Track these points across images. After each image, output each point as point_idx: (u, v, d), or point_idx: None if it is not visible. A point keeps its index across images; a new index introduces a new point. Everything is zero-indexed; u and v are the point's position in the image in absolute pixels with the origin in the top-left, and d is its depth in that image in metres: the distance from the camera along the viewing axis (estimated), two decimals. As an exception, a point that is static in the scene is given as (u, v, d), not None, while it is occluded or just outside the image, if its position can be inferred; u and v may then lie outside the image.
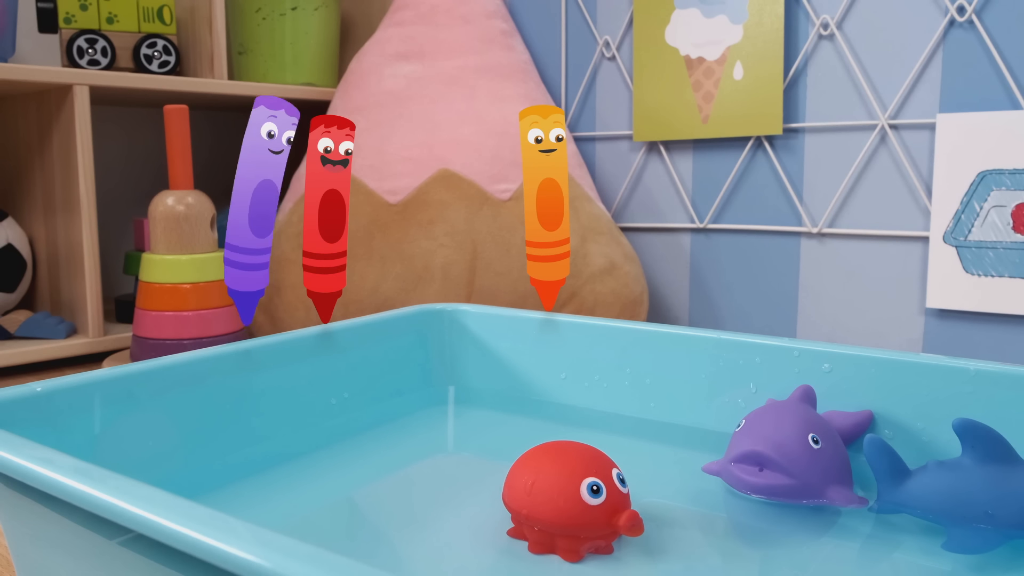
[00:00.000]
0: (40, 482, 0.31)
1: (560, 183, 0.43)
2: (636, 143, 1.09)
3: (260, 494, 0.47)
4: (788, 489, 0.43)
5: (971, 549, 0.39)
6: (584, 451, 0.41)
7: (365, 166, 1.00)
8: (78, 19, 1.07)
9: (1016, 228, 0.81)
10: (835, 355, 0.51)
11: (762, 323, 1.01)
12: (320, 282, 0.42)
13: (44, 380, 0.43)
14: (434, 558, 0.40)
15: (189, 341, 0.84)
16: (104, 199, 1.23)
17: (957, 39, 0.85)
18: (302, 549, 0.24)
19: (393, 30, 1.11)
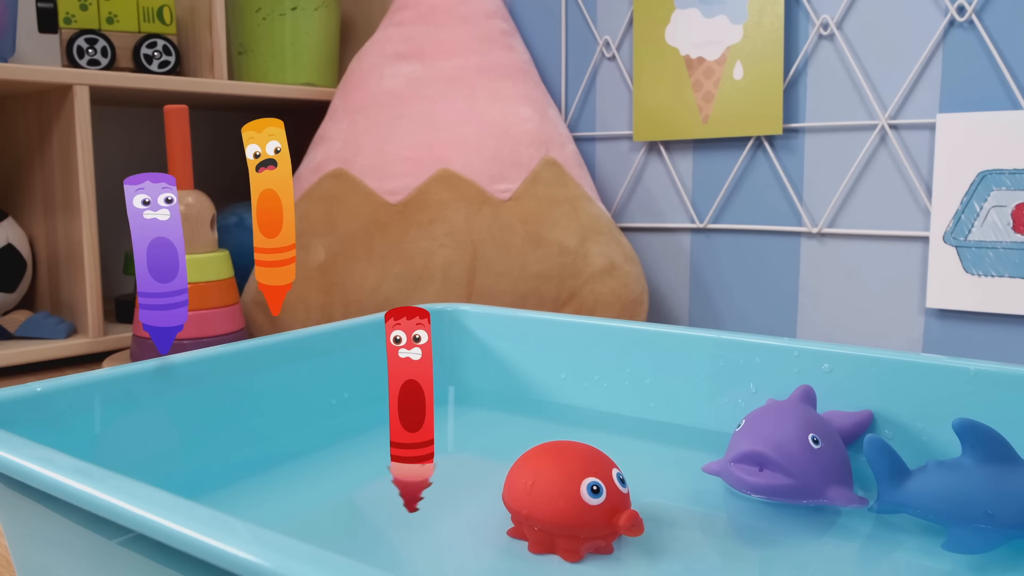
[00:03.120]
0: (40, 482, 0.31)
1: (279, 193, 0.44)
2: (636, 143, 1.09)
3: (260, 494, 0.47)
4: (788, 489, 0.43)
5: (971, 549, 0.39)
6: (584, 451, 0.41)
7: (365, 166, 1.00)
8: (78, 19, 1.07)
9: (1016, 228, 0.81)
10: (835, 355, 0.51)
11: (762, 323, 1.01)
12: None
13: (44, 380, 0.43)
14: (434, 558, 0.40)
15: (189, 341, 0.84)
16: (104, 199, 1.23)
17: (957, 39, 0.85)
18: (302, 549, 0.24)
19: (393, 30, 1.11)
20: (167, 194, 0.48)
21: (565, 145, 1.05)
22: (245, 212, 1.20)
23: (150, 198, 0.48)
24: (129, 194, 0.47)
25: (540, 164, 1.01)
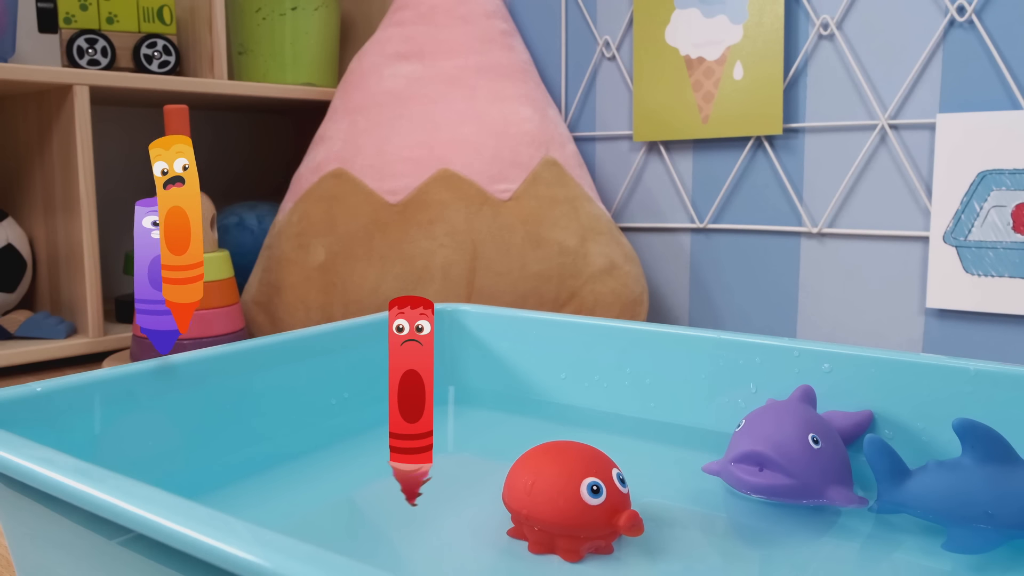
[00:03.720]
0: (40, 482, 0.31)
1: (187, 210, 0.44)
2: (636, 143, 1.09)
3: (260, 494, 0.47)
4: (788, 489, 0.43)
5: (971, 549, 0.39)
6: (584, 451, 0.41)
7: (365, 166, 1.00)
8: (78, 19, 1.07)
9: (1016, 228, 0.81)
10: (835, 355, 0.51)
11: (762, 323, 1.01)
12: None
13: (44, 380, 0.43)
14: (434, 558, 0.40)
15: (189, 341, 0.84)
16: (104, 199, 1.23)
17: (957, 39, 0.85)
18: (302, 549, 0.24)
19: (393, 30, 1.11)
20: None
21: (565, 145, 1.05)
22: (245, 212, 1.20)
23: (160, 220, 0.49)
24: (139, 215, 0.48)
25: (540, 164, 1.01)
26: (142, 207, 0.48)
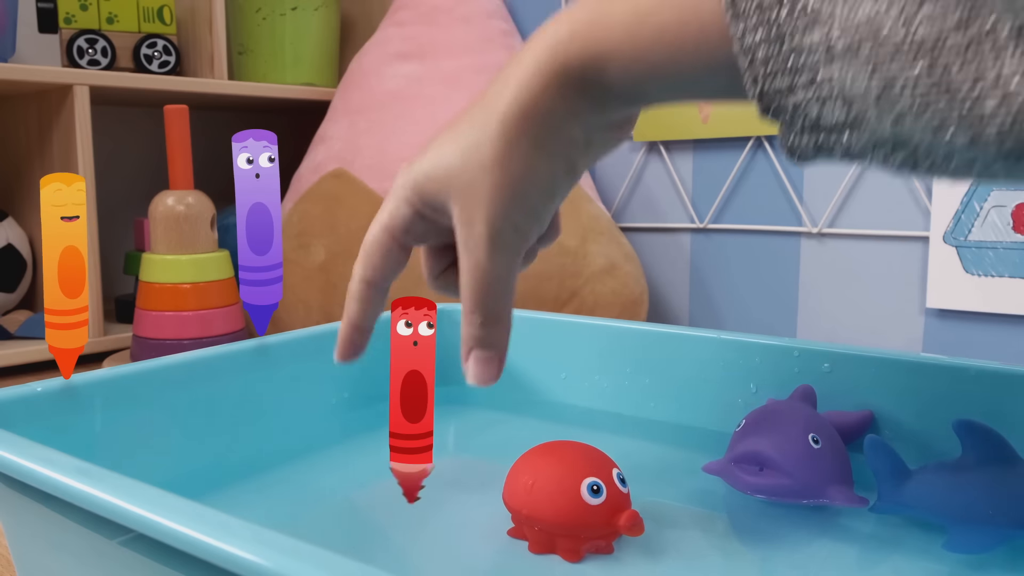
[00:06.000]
0: (40, 482, 0.31)
1: (81, 250, 0.43)
2: (636, 143, 1.09)
3: (260, 494, 0.47)
4: (788, 489, 0.43)
5: (971, 549, 0.39)
6: (584, 451, 0.41)
7: (365, 166, 1.00)
8: (78, 19, 1.07)
9: (1016, 228, 0.81)
10: (835, 355, 0.51)
11: (762, 323, 1.01)
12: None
13: (44, 380, 0.43)
14: (434, 558, 0.40)
15: (189, 341, 0.84)
16: (104, 199, 1.23)
17: (957, 39, 0.85)
18: (302, 549, 0.24)
19: (393, 30, 1.11)
20: (269, 153, 0.49)
21: (565, 145, 1.05)
22: (245, 212, 1.20)
23: (253, 156, 0.48)
24: (235, 152, 0.48)
25: (540, 164, 1.00)
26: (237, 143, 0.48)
